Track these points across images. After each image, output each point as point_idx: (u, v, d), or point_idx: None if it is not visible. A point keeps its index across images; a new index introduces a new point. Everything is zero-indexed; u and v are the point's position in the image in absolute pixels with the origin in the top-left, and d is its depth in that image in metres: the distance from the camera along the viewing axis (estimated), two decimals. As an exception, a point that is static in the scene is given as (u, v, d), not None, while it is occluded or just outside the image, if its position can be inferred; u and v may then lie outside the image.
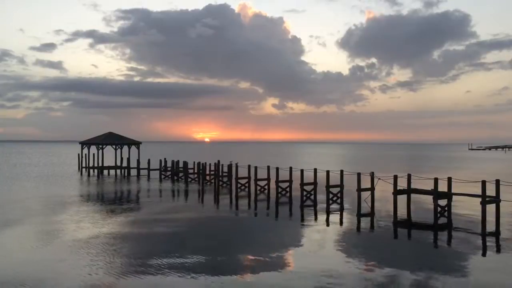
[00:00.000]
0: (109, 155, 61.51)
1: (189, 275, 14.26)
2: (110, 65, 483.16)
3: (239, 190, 37.03)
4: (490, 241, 19.58)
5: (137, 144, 59.85)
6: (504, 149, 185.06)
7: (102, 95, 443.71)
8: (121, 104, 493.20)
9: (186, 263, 15.64)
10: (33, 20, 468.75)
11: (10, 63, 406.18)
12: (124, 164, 57.97)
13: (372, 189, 26.72)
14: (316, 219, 25.62)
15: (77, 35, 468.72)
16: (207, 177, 44.10)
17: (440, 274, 14.45)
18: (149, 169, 53.27)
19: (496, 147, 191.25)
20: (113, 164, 59.28)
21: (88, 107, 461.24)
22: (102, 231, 21.39)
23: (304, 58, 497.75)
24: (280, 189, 33.59)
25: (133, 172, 56.05)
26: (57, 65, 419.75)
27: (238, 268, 15.33)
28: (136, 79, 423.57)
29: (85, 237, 19.95)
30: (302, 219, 25.47)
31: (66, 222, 23.84)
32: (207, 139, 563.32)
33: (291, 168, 33.46)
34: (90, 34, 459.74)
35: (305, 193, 30.93)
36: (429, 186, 25.00)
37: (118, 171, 59.02)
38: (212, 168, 43.46)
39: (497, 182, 21.64)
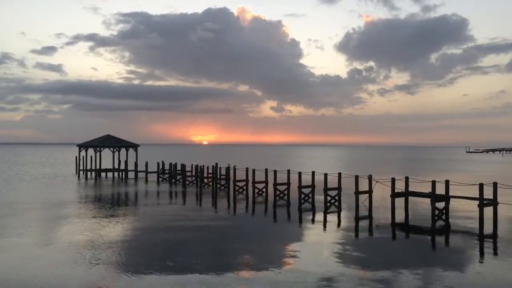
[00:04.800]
0: (107, 158, 61.37)
1: (186, 278, 14.20)
2: (110, 68, 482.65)
3: (237, 192, 37.00)
4: (488, 244, 19.58)
5: (135, 146, 59.78)
6: (502, 152, 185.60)
7: (102, 98, 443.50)
8: (121, 107, 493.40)
9: (183, 266, 15.57)
10: (34, 23, 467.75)
11: (11, 66, 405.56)
12: (122, 166, 57.85)
13: (370, 191, 26.72)
14: (313, 221, 25.58)
15: (77, 38, 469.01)
16: (205, 180, 44.04)
17: (437, 277, 14.42)
18: (146, 172, 53.14)
19: (494, 150, 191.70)
20: (111, 167, 59.14)
21: (88, 110, 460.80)
22: (99, 234, 21.29)
23: (302, 61, 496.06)
24: (278, 192, 33.60)
25: (131, 174, 55.93)
26: (57, 68, 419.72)
27: (235, 271, 15.26)
28: (136, 82, 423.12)
29: (82, 240, 19.85)
30: (300, 222, 25.43)
31: (62, 225, 23.73)
32: (205, 142, 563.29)
33: (289, 171, 33.46)
34: (91, 37, 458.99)
35: (303, 195, 30.92)
36: (427, 189, 25.03)
37: (116, 173, 58.87)
38: (210, 170, 43.44)
39: (495, 185, 21.66)
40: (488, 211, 21.54)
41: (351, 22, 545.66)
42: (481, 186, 21.07)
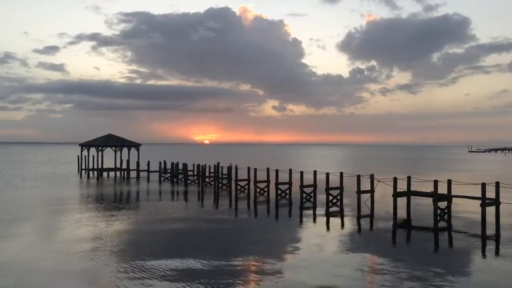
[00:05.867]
0: (109, 157, 61.49)
1: (188, 277, 14.22)
2: (112, 67, 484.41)
3: (238, 192, 37.02)
4: (490, 244, 19.57)
5: (136, 146, 59.85)
6: (504, 151, 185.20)
7: (104, 97, 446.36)
8: (123, 106, 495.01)
9: (185, 265, 15.59)
10: (37, 23, 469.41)
11: (13, 66, 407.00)
12: (124, 166, 57.94)
13: (372, 191, 26.73)
14: (315, 221, 25.59)
15: (79, 38, 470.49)
16: (207, 179, 44.06)
17: (440, 276, 14.42)
18: (148, 171, 53.22)
19: (496, 149, 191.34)
20: (113, 166, 59.25)
21: (90, 109, 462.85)
22: (101, 233, 21.32)
23: (304, 60, 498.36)
24: (279, 191, 33.59)
25: (133, 174, 56.00)
26: (59, 68, 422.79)
27: (237, 270, 15.28)
28: (138, 81, 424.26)
29: (85, 238, 19.90)
30: (302, 221, 25.43)
31: (65, 224, 23.78)
32: (206, 141, 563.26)
33: (290, 170, 33.44)
34: (93, 37, 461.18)
35: (304, 195, 30.91)
36: (429, 188, 25.01)
37: (118, 173, 58.97)
38: (212, 170, 43.46)
39: (497, 184, 21.65)
40: (491, 210, 21.52)
41: (353, 21, 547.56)
42: (483, 185, 21.04)
